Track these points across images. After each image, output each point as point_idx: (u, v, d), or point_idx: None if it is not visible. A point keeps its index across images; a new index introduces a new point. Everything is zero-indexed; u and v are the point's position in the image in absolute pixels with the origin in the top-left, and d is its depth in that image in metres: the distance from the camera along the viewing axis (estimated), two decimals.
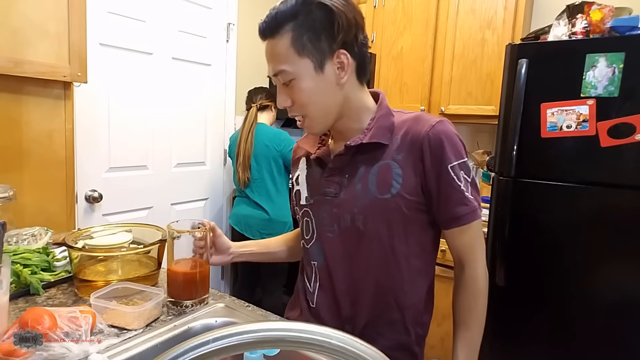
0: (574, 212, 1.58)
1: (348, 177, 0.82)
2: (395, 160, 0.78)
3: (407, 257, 0.82)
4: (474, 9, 2.13)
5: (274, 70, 0.77)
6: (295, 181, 0.95)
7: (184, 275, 0.89)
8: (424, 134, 0.77)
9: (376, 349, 0.31)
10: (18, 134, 1.32)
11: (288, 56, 0.74)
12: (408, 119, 0.81)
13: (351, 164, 0.82)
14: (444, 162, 0.76)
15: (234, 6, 2.57)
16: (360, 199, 0.80)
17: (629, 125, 1.46)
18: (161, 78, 2.23)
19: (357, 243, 0.82)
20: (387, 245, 0.80)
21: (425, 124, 0.78)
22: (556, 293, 1.63)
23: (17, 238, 1.09)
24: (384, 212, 0.79)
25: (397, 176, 0.78)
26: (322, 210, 0.86)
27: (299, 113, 0.80)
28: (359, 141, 0.80)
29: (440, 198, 0.78)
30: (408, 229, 0.80)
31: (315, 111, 0.79)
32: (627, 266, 1.50)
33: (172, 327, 0.82)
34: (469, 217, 0.78)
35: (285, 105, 0.79)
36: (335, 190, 0.83)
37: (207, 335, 0.30)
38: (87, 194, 1.96)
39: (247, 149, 2.21)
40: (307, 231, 0.90)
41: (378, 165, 0.80)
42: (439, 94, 2.28)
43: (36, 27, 1.28)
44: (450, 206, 0.78)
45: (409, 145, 0.78)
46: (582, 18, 1.62)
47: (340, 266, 0.85)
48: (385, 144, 0.80)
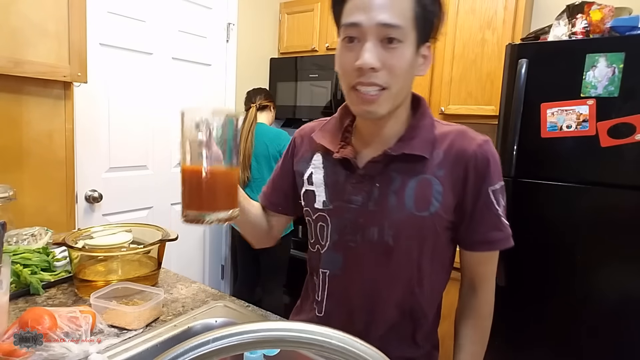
0: (574, 212, 1.58)
1: (379, 186, 0.75)
2: (436, 176, 0.73)
3: (430, 275, 0.78)
4: (474, 9, 2.13)
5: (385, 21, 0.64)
6: (307, 180, 0.84)
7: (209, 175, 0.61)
8: (471, 153, 0.72)
9: (376, 349, 0.31)
10: (18, 134, 1.32)
11: (407, 16, 0.65)
12: (451, 133, 0.75)
13: (385, 172, 0.75)
14: (486, 184, 0.72)
15: (234, 6, 2.57)
16: (393, 213, 0.74)
17: (629, 125, 1.46)
18: (161, 78, 2.23)
19: (383, 258, 0.76)
20: (414, 262, 0.76)
21: (471, 142, 0.73)
22: (556, 293, 1.63)
23: (17, 238, 1.09)
24: (419, 230, 0.74)
25: (438, 194, 0.72)
26: (344, 218, 0.78)
27: (382, 81, 0.67)
28: (401, 150, 0.73)
29: (475, 219, 0.74)
30: (436, 247, 0.76)
31: (399, 87, 0.69)
32: (627, 266, 1.50)
33: (172, 327, 0.82)
34: (501, 244, 0.75)
35: (374, 64, 0.65)
36: (363, 199, 0.76)
37: (207, 335, 0.30)
38: (87, 194, 1.96)
39: (248, 148, 2.21)
40: (322, 237, 0.82)
41: (417, 180, 0.73)
42: (439, 94, 2.28)
43: (36, 27, 1.28)
44: (484, 229, 0.74)
45: (452, 162, 0.73)
46: (582, 18, 1.62)
47: (359, 278, 0.79)
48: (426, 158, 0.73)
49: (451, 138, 0.74)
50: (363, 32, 0.65)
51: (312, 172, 0.84)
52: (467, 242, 0.77)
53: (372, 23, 0.64)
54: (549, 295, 1.64)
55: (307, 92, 2.69)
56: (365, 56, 0.65)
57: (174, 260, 2.37)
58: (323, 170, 0.82)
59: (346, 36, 0.68)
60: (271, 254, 2.19)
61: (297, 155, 0.89)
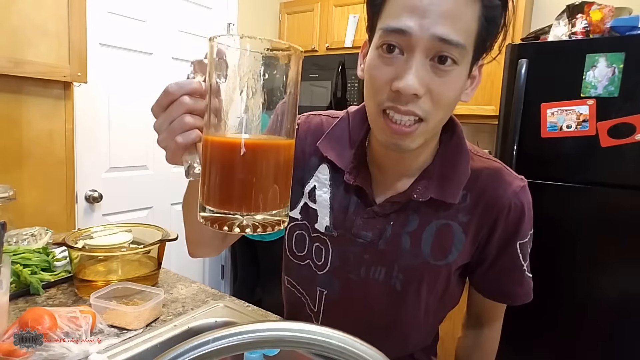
0: (574, 212, 1.58)
1: (393, 225, 0.66)
2: (460, 223, 0.64)
3: (437, 311, 0.73)
4: None
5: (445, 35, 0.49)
6: (309, 194, 0.72)
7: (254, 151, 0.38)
8: (505, 202, 0.63)
9: (376, 349, 0.31)
10: (18, 134, 1.32)
11: (471, 31, 0.51)
12: (485, 172, 0.65)
13: (401, 210, 0.66)
14: (515, 238, 0.66)
15: (234, 6, 2.57)
16: (405, 257, 0.65)
17: (629, 125, 1.46)
18: (161, 78, 2.22)
19: (386, 299, 0.69)
20: (422, 305, 0.70)
21: (507, 188, 0.64)
22: (556, 293, 1.63)
23: (17, 238, 1.09)
24: (431, 277, 0.66)
25: (459, 243, 0.65)
26: (347, 250, 0.69)
27: (422, 111, 0.53)
28: (428, 195, 0.63)
29: (495, 270, 0.68)
30: (448, 289, 0.70)
31: (439, 118, 0.56)
32: (627, 266, 1.50)
33: (172, 327, 0.82)
34: (519, 300, 0.71)
35: (418, 91, 0.51)
36: (374, 236, 0.67)
37: (207, 335, 0.30)
38: (87, 194, 1.96)
39: None
40: (319, 258, 0.73)
41: (438, 224, 0.64)
42: None
43: (36, 26, 1.28)
44: (504, 282, 0.69)
45: (482, 210, 0.64)
46: (582, 18, 1.62)
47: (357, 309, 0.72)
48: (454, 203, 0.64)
49: (483, 179, 0.64)
50: (411, 43, 0.50)
51: (316, 186, 0.72)
52: (483, 289, 0.72)
53: (426, 34, 0.49)
54: (549, 295, 1.64)
55: (307, 92, 2.69)
56: (408, 78, 0.50)
57: (174, 260, 2.37)
58: (330, 189, 0.70)
59: (385, 43, 0.52)
60: (271, 253, 2.19)
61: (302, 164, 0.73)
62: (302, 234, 0.75)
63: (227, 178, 0.39)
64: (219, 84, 0.38)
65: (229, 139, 0.39)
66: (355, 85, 2.48)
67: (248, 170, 0.38)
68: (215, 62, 0.38)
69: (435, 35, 0.49)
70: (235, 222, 0.38)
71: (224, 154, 0.38)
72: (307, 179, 0.73)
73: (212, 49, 0.37)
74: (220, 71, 0.38)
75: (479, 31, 0.52)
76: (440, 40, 0.50)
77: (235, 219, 0.38)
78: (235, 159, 0.37)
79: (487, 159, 0.68)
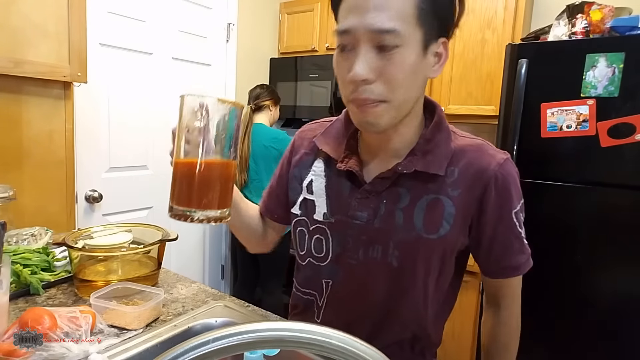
0: (574, 212, 1.58)
1: (386, 202, 0.69)
2: (450, 197, 0.67)
3: (435, 294, 0.74)
4: (474, 9, 2.13)
5: (376, 26, 0.56)
6: (307, 188, 0.78)
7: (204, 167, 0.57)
8: (490, 173, 0.66)
9: (376, 349, 0.31)
10: (18, 134, 1.32)
11: (407, 15, 0.57)
12: (469, 148, 0.69)
13: (393, 188, 0.69)
14: (508, 207, 0.68)
15: (234, 6, 2.57)
16: (399, 232, 0.69)
17: (629, 125, 1.46)
18: (161, 78, 2.23)
19: (385, 277, 0.71)
20: (420, 283, 0.71)
21: (490, 160, 0.67)
22: (556, 293, 1.63)
23: (17, 238, 1.09)
24: (426, 252, 0.69)
25: (449, 216, 0.67)
26: (346, 234, 0.73)
27: (379, 94, 0.60)
28: (412, 167, 0.67)
29: (497, 244, 0.70)
30: (444, 268, 0.71)
31: (401, 97, 0.61)
32: (627, 266, 1.50)
33: (172, 327, 0.82)
34: (525, 266, 0.72)
35: (365, 76, 0.58)
36: (369, 215, 0.70)
37: (207, 335, 0.30)
38: (87, 194, 1.96)
39: (244, 151, 2.21)
40: (319, 250, 0.77)
41: (428, 199, 0.68)
42: (439, 94, 2.28)
43: (36, 27, 1.28)
44: (509, 255, 0.71)
45: (469, 182, 0.67)
46: (582, 18, 1.62)
47: (358, 295, 0.74)
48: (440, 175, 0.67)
49: (469, 154, 0.69)
50: (356, 39, 0.58)
51: (313, 179, 0.78)
52: (491, 270, 0.74)
53: (364, 29, 0.57)
54: (549, 295, 1.64)
55: (307, 92, 2.69)
56: (355, 68, 0.58)
57: (174, 260, 2.37)
58: (325, 179, 0.76)
59: (339, 44, 0.61)
60: (271, 254, 2.17)
61: (295, 158, 0.83)
62: (302, 231, 0.79)
63: (188, 185, 0.58)
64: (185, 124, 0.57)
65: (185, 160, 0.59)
66: None
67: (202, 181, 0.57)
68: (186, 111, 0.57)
69: (370, 28, 0.57)
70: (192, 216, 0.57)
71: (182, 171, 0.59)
72: (304, 175, 0.80)
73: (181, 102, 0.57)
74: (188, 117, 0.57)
75: (421, 12, 0.58)
76: (375, 31, 0.57)
77: (192, 214, 0.57)
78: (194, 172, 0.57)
79: (470, 138, 0.72)
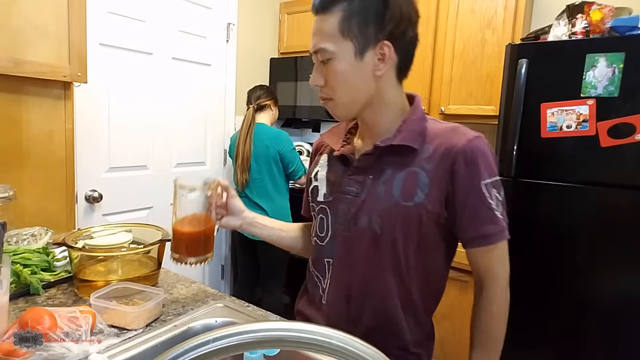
0: (574, 212, 1.58)
1: (372, 178, 0.80)
2: (424, 169, 0.76)
3: (418, 267, 0.80)
4: (474, 9, 2.13)
5: (314, 47, 0.76)
6: (314, 177, 0.92)
7: (188, 234, 0.86)
8: (459, 147, 0.75)
9: (376, 349, 0.31)
10: (18, 134, 1.32)
11: (332, 35, 0.73)
12: (444, 130, 0.79)
13: (377, 165, 0.81)
14: (476, 178, 0.74)
15: (234, 6, 2.57)
16: (381, 202, 0.78)
17: (629, 125, 1.46)
18: (161, 78, 2.23)
19: (371, 245, 0.80)
20: (401, 252, 0.79)
21: (462, 137, 0.76)
22: (556, 293, 1.63)
23: (17, 238, 1.09)
24: (403, 219, 0.77)
25: (424, 186, 0.76)
26: (340, 209, 0.84)
27: (327, 95, 0.79)
28: (389, 142, 0.78)
29: (468, 214, 0.75)
30: (424, 240, 0.79)
31: (344, 96, 0.78)
32: (627, 266, 1.50)
33: (172, 327, 0.82)
34: (496, 237, 0.76)
35: (318, 83, 0.79)
36: (357, 190, 0.82)
37: (207, 335, 0.30)
38: (87, 194, 1.96)
39: (246, 151, 2.21)
40: (322, 229, 0.88)
41: (406, 171, 0.78)
42: (439, 93, 2.28)
43: (36, 27, 1.28)
44: (478, 224, 0.75)
45: (441, 156, 0.76)
46: (582, 18, 1.62)
47: (353, 266, 0.83)
48: (415, 149, 0.77)
49: (443, 135, 0.78)
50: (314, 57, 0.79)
51: (318, 170, 0.92)
52: (465, 239, 0.79)
53: (312, 50, 0.78)
54: (549, 295, 1.64)
55: (307, 92, 2.69)
56: (312, 78, 0.80)
57: None
58: (327, 167, 0.90)
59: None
60: (271, 254, 2.19)
61: (312, 161, 0.98)
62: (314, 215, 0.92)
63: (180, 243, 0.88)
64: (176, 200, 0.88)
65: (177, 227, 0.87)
66: None
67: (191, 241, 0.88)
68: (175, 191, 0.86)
69: (312, 49, 0.77)
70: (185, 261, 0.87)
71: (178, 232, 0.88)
72: (313, 168, 0.95)
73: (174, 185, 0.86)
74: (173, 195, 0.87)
75: (344, 31, 0.73)
76: (317, 50, 0.76)
77: (186, 260, 0.87)
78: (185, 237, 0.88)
79: (448, 123, 0.82)
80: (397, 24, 0.74)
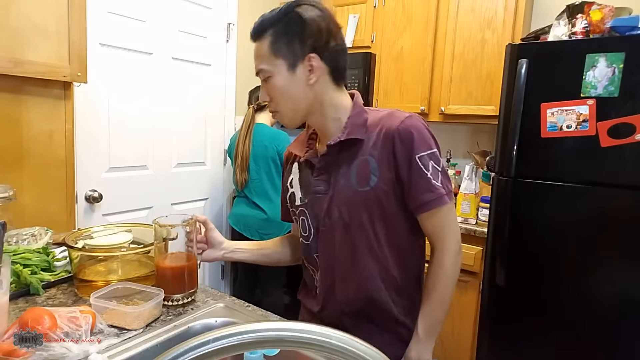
0: (574, 212, 1.58)
1: (334, 174, 0.89)
2: (372, 156, 0.86)
3: (390, 243, 0.89)
4: (474, 9, 2.13)
5: (256, 68, 0.87)
6: (289, 184, 1.01)
7: (171, 270, 0.92)
8: (394, 129, 0.84)
9: (376, 349, 0.31)
10: (18, 134, 1.32)
11: (267, 57, 0.85)
12: (382, 116, 0.88)
13: (335, 162, 0.89)
14: (412, 153, 0.83)
15: (234, 6, 2.57)
16: (344, 193, 0.88)
17: (629, 125, 1.46)
18: (161, 78, 2.23)
19: (345, 234, 0.89)
20: (370, 232, 0.87)
21: (396, 120, 0.85)
22: (556, 293, 1.63)
23: (17, 238, 1.09)
24: (364, 203, 0.86)
25: (375, 170, 0.85)
26: (315, 208, 0.93)
27: (273, 108, 0.89)
28: (338, 139, 0.87)
29: (411, 186, 0.84)
30: (388, 217, 0.87)
31: (285, 106, 0.87)
32: (627, 266, 1.50)
33: (172, 327, 0.82)
34: (434, 203, 0.84)
35: (265, 99, 0.89)
36: (325, 187, 0.91)
37: (207, 335, 0.30)
38: (87, 194, 1.96)
39: (245, 151, 2.21)
40: (305, 229, 0.97)
41: (358, 161, 0.87)
42: (439, 93, 2.28)
43: (36, 27, 1.28)
44: (418, 193, 0.84)
45: (382, 141, 0.85)
46: (582, 18, 1.62)
47: (334, 255, 0.92)
48: (361, 140, 0.86)
49: (382, 122, 0.87)
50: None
51: (292, 177, 1.00)
52: (412, 209, 0.87)
53: (255, 72, 0.88)
54: (548, 295, 1.64)
55: None
56: (260, 95, 0.91)
57: None
58: (298, 173, 0.99)
59: None
60: None
61: (286, 170, 1.05)
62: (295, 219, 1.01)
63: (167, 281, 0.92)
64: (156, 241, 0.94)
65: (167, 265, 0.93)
66: (355, 85, 2.48)
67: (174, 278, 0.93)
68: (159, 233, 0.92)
69: (256, 70, 0.88)
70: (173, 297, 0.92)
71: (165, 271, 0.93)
72: (287, 177, 1.03)
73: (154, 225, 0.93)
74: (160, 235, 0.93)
75: (273, 51, 0.84)
76: (258, 71, 0.87)
77: (171, 297, 0.91)
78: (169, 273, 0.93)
79: (385, 110, 0.91)
80: (318, 38, 0.83)
